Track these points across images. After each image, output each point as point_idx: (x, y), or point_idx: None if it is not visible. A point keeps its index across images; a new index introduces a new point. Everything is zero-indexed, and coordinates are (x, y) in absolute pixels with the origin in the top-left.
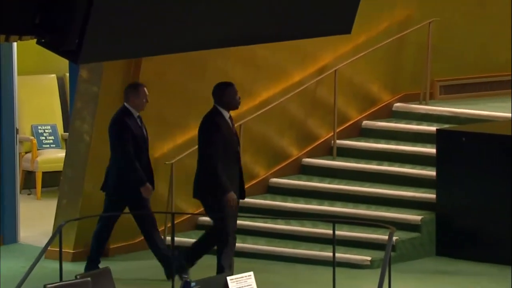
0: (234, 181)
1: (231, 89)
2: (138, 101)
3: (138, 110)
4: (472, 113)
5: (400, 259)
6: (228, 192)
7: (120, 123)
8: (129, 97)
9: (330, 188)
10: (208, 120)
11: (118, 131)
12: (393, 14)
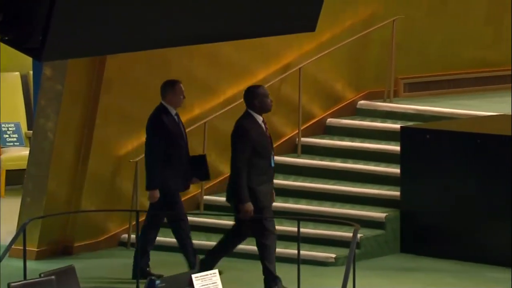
0: (269, 185)
1: (263, 91)
2: (175, 98)
3: (175, 107)
4: (436, 110)
5: (364, 256)
6: (246, 202)
7: (155, 121)
8: (166, 94)
9: (295, 186)
10: (241, 128)
11: (153, 129)
12: (357, 12)
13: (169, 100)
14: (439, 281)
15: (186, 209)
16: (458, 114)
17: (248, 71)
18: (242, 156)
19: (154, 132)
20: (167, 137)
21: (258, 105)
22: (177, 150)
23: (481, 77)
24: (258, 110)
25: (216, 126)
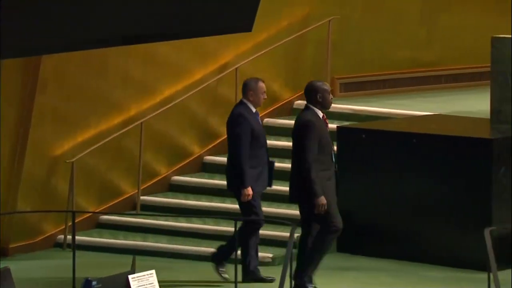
0: (332, 180)
1: (325, 87)
2: (257, 96)
3: (256, 106)
4: (372, 110)
5: None
6: (320, 196)
7: (240, 119)
8: (248, 92)
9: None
10: (306, 123)
11: (236, 127)
12: (293, 12)
13: (252, 98)
14: (375, 280)
15: (122, 209)
16: (393, 114)
17: (185, 71)
18: (312, 152)
19: (239, 130)
20: (251, 136)
21: (320, 100)
22: (259, 149)
23: (416, 77)
24: (319, 106)
25: (152, 126)
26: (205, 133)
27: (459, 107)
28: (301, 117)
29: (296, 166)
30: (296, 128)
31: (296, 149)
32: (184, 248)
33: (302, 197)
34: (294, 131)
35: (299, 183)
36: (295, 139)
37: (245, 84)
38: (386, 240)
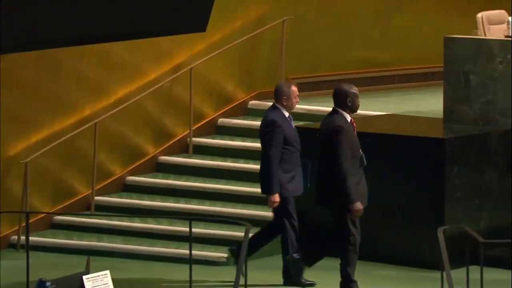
0: (360, 185)
1: (355, 91)
2: (290, 101)
3: (289, 110)
4: (326, 110)
5: (256, 255)
6: (354, 202)
7: (272, 126)
8: (282, 98)
9: (186, 186)
10: (339, 128)
11: (268, 134)
12: (247, 13)
13: (285, 103)
14: (330, 279)
15: (77, 210)
16: None
17: (139, 71)
18: (347, 158)
19: (270, 137)
20: (284, 140)
21: (349, 104)
22: (292, 154)
23: (370, 77)
24: (348, 109)
25: (107, 126)
26: (160, 133)
27: (412, 107)
28: (331, 122)
29: (327, 170)
30: (327, 133)
31: (328, 154)
32: (138, 248)
33: (335, 201)
34: (323, 135)
35: (331, 187)
36: (326, 143)
37: (278, 89)
38: None
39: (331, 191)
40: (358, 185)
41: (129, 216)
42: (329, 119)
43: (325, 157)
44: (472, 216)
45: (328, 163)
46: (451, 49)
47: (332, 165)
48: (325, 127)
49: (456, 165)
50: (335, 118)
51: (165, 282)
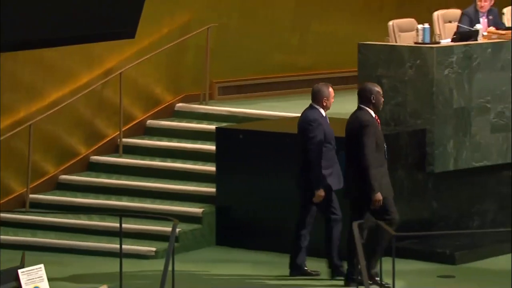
0: (387, 177)
1: (378, 89)
2: (329, 101)
3: (326, 110)
4: (248, 112)
5: (183, 249)
6: (376, 192)
7: (315, 124)
8: (323, 99)
9: (117, 184)
10: (365, 123)
11: (312, 132)
12: (174, 20)
13: (325, 103)
14: (252, 271)
15: (13, 207)
16: (268, 116)
17: (72, 75)
18: (372, 149)
19: (314, 135)
20: (325, 139)
21: (374, 101)
22: (330, 151)
23: (289, 81)
24: (372, 106)
25: (41, 127)
26: (91, 134)
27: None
28: (359, 117)
29: (355, 163)
30: (356, 127)
31: (356, 147)
32: (71, 243)
33: (363, 194)
34: (353, 130)
35: (358, 180)
36: (355, 137)
37: (318, 90)
38: (262, 234)
39: (354, 184)
40: (383, 178)
41: (62, 213)
42: (356, 116)
43: (352, 152)
44: None
45: (354, 157)
46: (364, 55)
47: (358, 157)
48: (352, 124)
49: None
50: (362, 114)
51: (97, 275)
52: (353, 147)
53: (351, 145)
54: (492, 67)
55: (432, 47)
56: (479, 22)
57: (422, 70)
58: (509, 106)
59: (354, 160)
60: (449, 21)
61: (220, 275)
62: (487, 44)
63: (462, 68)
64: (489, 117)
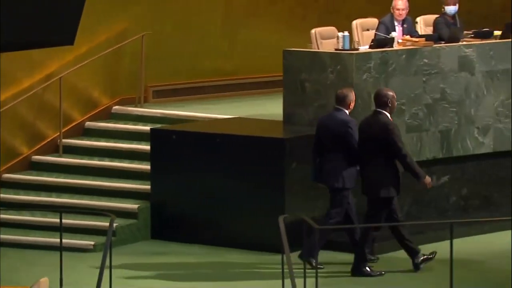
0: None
1: (393, 94)
2: (353, 104)
3: (350, 112)
4: (181, 114)
5: (120, 243)
6: (424, 176)
7: (351, 124)
8: (350, 103)
9: (57, 182)
10: (390, 124)
11: (349, 130)
12: (111, 28)
13: (351, 106)
14: (185, 264)
15: None
16: (200, 117)
17: (14, 80)
18: (405, 146)
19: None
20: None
21: (390, 105)
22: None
23: (219, 84)
24: (389, 110)
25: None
26: (33, 135)
27: (256, 110)
28: (381, 121)
29: (384, 161)
30: (382, 129)
31: (387, 146)
32: (14, 238)
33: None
34: (381, 133)
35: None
36: (382, 139)
37: (345, 95)
38: (195, 228)
39: (379, 182)
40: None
41: (5, 209)
42: (375, 120)
43: (373, 153)
44: (308, 206)
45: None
46: (289, 60)
47: (394, 158)
48: (371, 127)
49: (294, 161)
50: (382, 118)
51: (38, 267)
52: (375, 148)
53: (373, 146)
54: (407, 72)
55: (352, 53)
56: (394, 30)
57: (343, 74)
58: (422, 108)
59: (374, 160)
60: (367, 29)
61: (154, 267)
62: (402, 51)
63: (379, 72)
64: (404, 118)
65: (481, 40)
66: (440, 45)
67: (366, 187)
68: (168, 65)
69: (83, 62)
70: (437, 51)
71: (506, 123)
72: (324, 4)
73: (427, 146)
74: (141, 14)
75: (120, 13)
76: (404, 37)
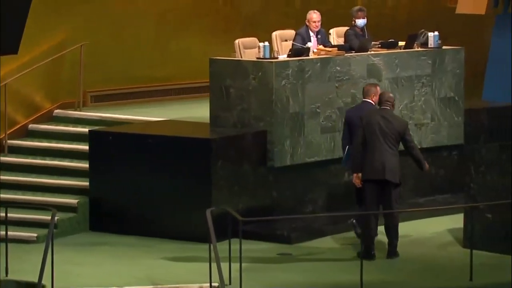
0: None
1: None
2: (377, 98)
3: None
4: (117, 117)
5: (61, 234)
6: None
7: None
8: (373, 96)
9: (3, 179)
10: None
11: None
12: (52, 38)
13: (374, 99)
14: (122, 253)
15: None
16: (134, 120)
17: None
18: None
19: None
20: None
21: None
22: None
23: (152, 90)
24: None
25: None
26: None
27: (185, 114)
28: (398, 118)
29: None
30: (402, 125)
31: (402, 138)
32: None
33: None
34: (402, 127)
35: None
36: (399, 134)
37: (368, 89)
38: (129, 221)
39: (397, 170)
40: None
41: None
42: (395, 116)
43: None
44: (233, 200)
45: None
46: (215, 68)
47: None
48: (398, 122)
49: (220, 160)
50: (397, 117)
51: None
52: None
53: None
54: (321, 78)
55: (272, 61)
56: (310, 41)
57: (263, 81)
58: (335, 111)
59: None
60: (285, 40)
61: (93, 257)
62: (316, 59)
63: (296, 79)
64: (319, 120)
65: (387, 50)
66: (351, 54)
67: (387, 172)
68: (105, 72)
69: (27, 69)
70: (348, 60)
71: (410, 124)
72: (246, 17)
73: (340, 146)
74: (79, 25)
75: (60, 24)
76: (319, 47)
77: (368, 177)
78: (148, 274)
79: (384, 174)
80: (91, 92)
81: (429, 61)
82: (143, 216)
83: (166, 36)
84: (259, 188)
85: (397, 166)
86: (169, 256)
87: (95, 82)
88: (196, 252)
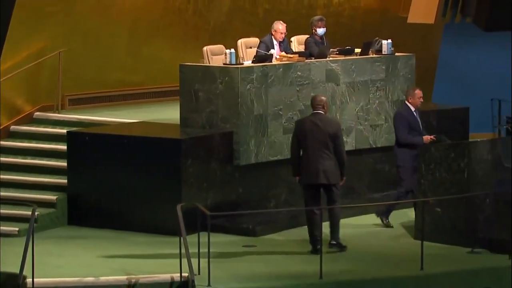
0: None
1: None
2: (414, 100)
3: (415, 106)
4: (93, 119)
5: (41, 228)
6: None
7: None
8: (408, 97)
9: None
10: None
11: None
12: (32, 46)
13: (410, 100)
14: (97, 245)
15: None
16: (109, 121)
17: None
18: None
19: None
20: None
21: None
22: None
23: (126, 94)
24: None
25: None
26: None
27: (158, 116)
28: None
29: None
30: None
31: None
32: None
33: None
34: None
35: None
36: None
37: (407, 91)
38: (106, 216)
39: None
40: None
41: None
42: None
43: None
44: (202, 196)
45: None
46: (184, 73)
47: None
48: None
49: (190, 158)
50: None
51: None
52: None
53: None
54: (283, 82)
55: (237, 67)
56: (273, 48)
57: (230, 85)
58: (297, 113)
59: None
60: (250, 47)
61: (70, 249)
62: (279, 65)
63: (260, 83)
64: (281, 121)
65: (344, 56)
66: (311, 61)
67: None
68: (81, 77)
69: (9, 75)
70: (308, 65)
71: (365, 125)
72: (214, 26)
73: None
74: (58, 34)
75: (40, 33)
76: (281, 54)
77: (305, 182)
78: (122, 265)
79: (318, 178)
80: (69, 95)
81: (383, 67)
82: (118, 211)
83: (138, 44)
84: (226, 185)
85: (332, 168)
86: (142, 249)
87: (72, 86)
88: (167, 244)
